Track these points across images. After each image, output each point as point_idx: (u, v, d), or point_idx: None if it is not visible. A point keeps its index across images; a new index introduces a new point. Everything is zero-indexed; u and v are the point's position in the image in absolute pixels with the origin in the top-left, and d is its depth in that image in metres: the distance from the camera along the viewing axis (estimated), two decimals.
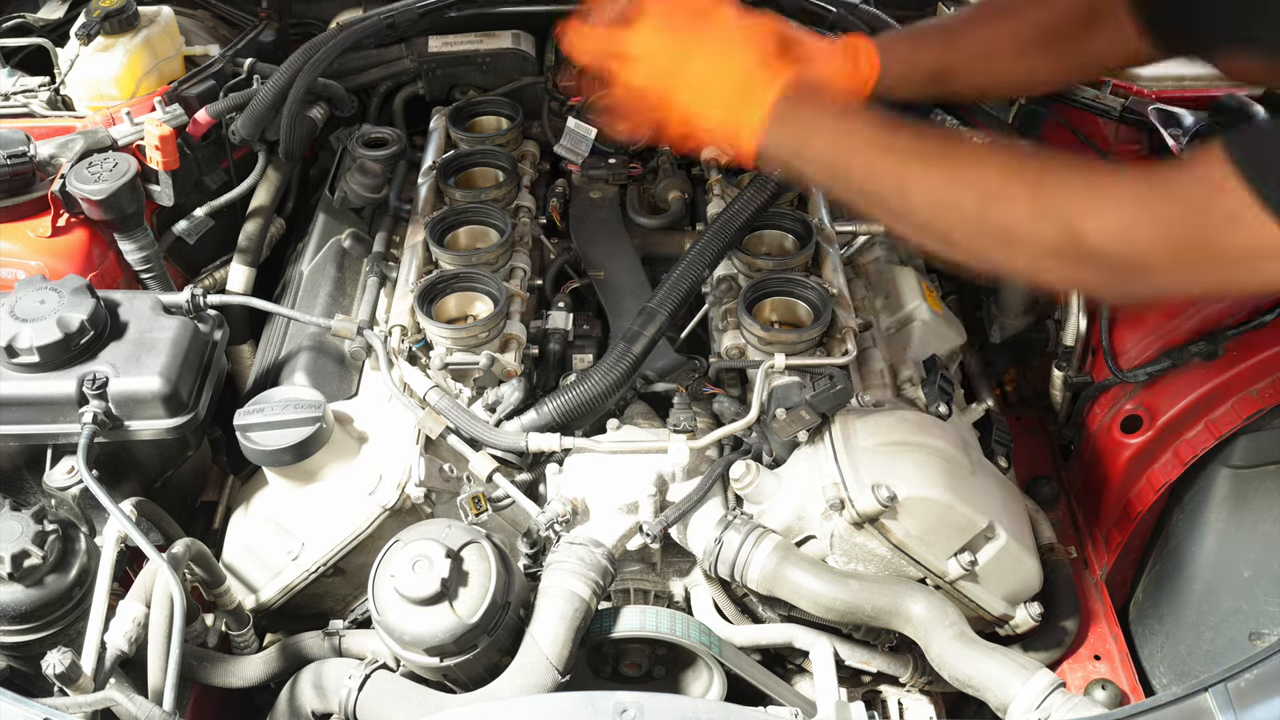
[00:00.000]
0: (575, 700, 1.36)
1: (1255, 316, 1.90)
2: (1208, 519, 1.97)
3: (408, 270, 2.00)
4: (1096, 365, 2.08)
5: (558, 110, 2.38)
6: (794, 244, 2.04)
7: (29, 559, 1.48)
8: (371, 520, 1.74)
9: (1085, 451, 2.16)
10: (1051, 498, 2.18)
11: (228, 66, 2.29)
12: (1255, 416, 1.90)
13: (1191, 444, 1.96)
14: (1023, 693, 1.51)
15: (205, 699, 1.77)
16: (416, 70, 2.47)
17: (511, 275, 2.00)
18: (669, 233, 2.28)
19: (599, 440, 1.81)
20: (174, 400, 1.69)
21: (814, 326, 1.86)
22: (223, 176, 2.26)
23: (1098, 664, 1.86)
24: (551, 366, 2.00)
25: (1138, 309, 2.00)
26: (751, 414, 1.78)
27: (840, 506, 1.67)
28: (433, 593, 1.48)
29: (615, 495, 1.75)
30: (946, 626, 1.62)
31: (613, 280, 2.15)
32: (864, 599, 1.65)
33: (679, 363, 1.98)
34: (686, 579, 1.84)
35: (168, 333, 1.74)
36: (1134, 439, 2.03)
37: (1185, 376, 1.97)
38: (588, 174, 2.31)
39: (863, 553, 1.71)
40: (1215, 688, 1.27)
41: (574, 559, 1.64)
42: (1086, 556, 2.08)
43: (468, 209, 2.08)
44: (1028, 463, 2.29)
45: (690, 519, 1.75)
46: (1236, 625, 1.90)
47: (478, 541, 1.55)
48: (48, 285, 1.73)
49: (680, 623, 1.67)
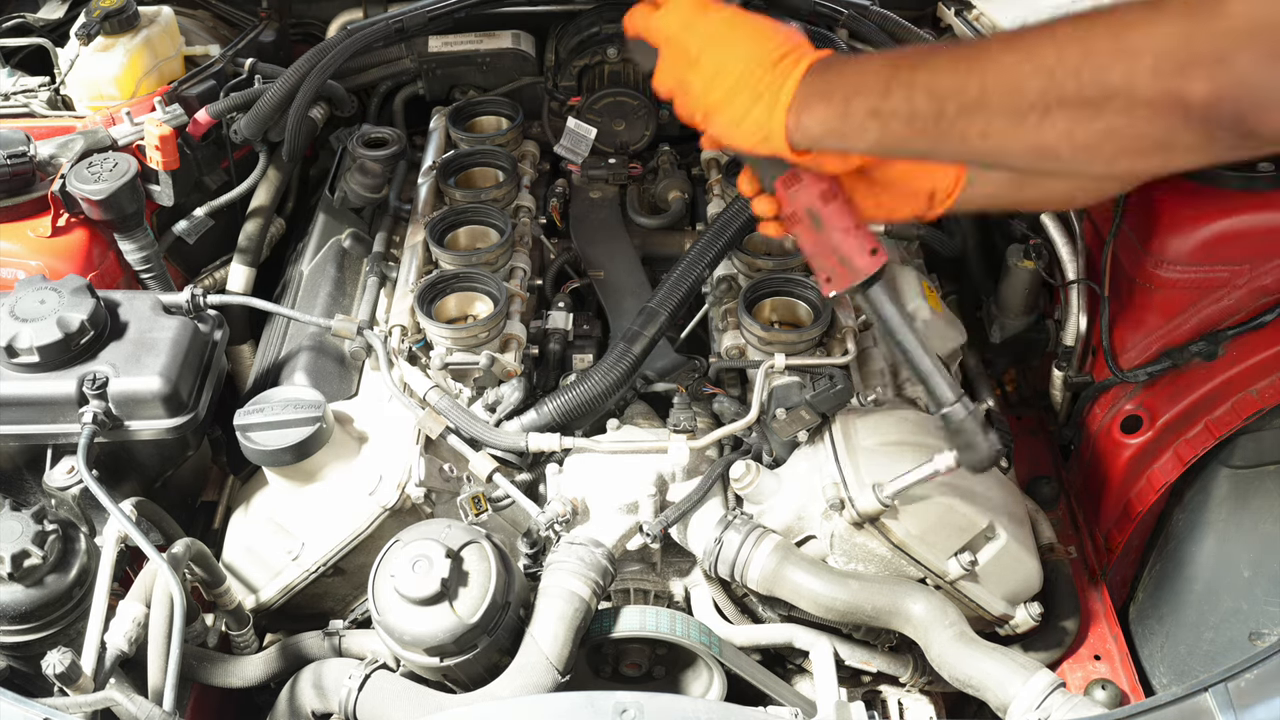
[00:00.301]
0: (575, 700, 1.36)
1: (1255, 316, 1.90)
2: (1208, 519, 1.97)
3: (408, 270, 2.00)
4: (1096, 365, 2.08)
5: (558, 110, 2.38)
6: (794, 244, 2.04)
7: (29, 559, 1.48)
8: (371, 520, 1.74)
9: (1085, 451, 2.16)
10: (1051, 498, 2.18)
11: (228, 66, 2.29)
12: (1255, 416, 1.90)
13: (1191, 444, 1.96)
14: (1023, 693, 1.51)
15: (205, 699, 1.77)
16: (416, 70, 2.48)
17: (511, 275, 2.00)
18: (669, 233, 2.28)
19: (599, 440, 1.81)
20: (174, 400, 1.69)
21: (814, 326, 1.86)
22: (223, 176, 2.26)
23: (1098, 664, 1.86)
24: (551, 366, 2.00)
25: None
26: (751, 414, 1.78)
27: (840, 506, 1.67)
28: (433, 593, 1.47)
29: (615, 495, 1.75)
30: (946, 626, 1.62)
31: (613, 280, 2.15)
32: (864, 599, 1.65)
33: (679, 363, 1.98)
34: (686, 579, 1.84)
35: (168, 333, 1.74)
36: (1134, 439, 2.03)
37: (1185, 376, 1.97)
38: (588, 174, 2.32)
39: (863, 553, 1.71)
40: (1215, 688, 1.26)
41: (574, 559, 1.64)
42: (1086, 556, 2.08)
43: (468, 209, 2.08)
44: (1028, 463, 2.29)
45: (690, 519, 1.75)
46: (1236, 625, 1.90)
47: (478, 541, 1.55)
48: (48, 285, 1.73)
49: (680, 623, 1.67)
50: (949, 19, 2.35)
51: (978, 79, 1.10)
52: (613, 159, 2.31)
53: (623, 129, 2.31)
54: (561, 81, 2.37)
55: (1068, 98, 1.05)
